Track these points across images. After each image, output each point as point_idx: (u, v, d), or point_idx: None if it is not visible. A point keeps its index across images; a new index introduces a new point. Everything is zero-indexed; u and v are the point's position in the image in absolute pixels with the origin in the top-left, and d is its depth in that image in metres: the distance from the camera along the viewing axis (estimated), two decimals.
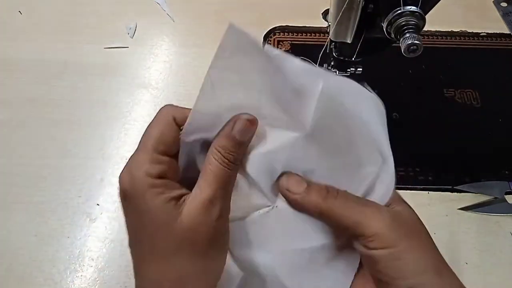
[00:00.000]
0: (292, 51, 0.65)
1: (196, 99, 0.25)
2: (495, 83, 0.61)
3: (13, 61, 0.64)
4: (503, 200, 0.50)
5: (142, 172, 0.24)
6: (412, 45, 0.34)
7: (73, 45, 0.66)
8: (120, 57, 0.65)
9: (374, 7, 0.38)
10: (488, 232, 0.48)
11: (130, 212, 0.25)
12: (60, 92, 0.61)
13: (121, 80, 0.62)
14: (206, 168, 0.25)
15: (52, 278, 0.45)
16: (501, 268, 0.46)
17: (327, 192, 0.26)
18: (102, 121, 0.58)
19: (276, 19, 0.69)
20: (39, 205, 0.50)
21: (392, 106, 0.59)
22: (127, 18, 0.70)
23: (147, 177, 0.24)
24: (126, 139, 0.56)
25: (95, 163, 0.54)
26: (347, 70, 0.49)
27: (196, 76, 0.63)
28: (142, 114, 0.59)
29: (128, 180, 0.24)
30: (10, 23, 0.69)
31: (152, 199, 0.23)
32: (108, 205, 0.50)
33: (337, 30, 0.42)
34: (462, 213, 0.49)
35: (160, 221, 0.23)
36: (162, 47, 0.67)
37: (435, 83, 0.61)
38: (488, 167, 0.53)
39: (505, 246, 0.47)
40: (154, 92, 0.61)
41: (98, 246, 0.47)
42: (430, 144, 0.55)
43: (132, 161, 0.25)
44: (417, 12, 0.35)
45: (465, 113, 0.58)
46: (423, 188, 0.51)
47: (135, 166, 0.24)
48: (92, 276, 0.45)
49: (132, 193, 0.24)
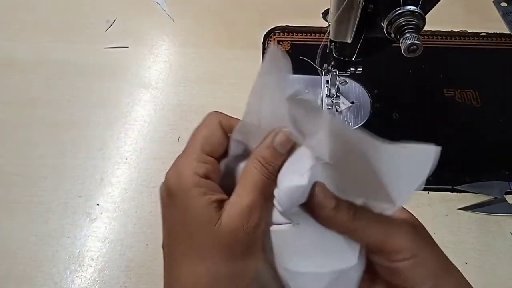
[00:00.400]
0: (292, 51, 0.65)
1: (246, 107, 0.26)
2: (495, 83, 0.61)
3: (13, 61, 0.64)
4: (503, 200, 0.50)
5: (189, 170, 0.25)
6: (412, 45, 0.34)
7: (73, 45, 0.66)
8: (120, 57, 0.65)
9: (374, 7, 0.38)
10: (488, 232, 0.48)
11: (173, 209, 0.25)
12: (60, 92, 0.61)
13: (121, 80, 0.62)
14: (246, 176, 0.25)
15: (52, 278, 0.45)
16: (501, 268, 0.46)
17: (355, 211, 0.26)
18: (102, 121, 0.58)
19: (276, 19, 0.69)
20: (39, 205, 0.50)
21: (392, 106, 0.59)
22: (127, 18, 0.70)
23: (194, 175, 0.24)
24: (126, 139, 0.56)
25: (95, 163, 0.54)
26: (347, 70, 0.49)
27: (196, 76, 0.63)
28: (142, 114, 0.59)
29: (176, 177, 0.25)
30: (10, 23, 0.69)
31: (196, 198, 0.24)
32: (108, 205, 0.50)
33: (337, 30, 0.42)
34: (462, 213, 0.49)
35: (201, 221, 0.24)
36: (162, 47, 0.67)
37: (435, 83, 0.61)
38: (488, 167, 0.53)
39: (505, 246, 0.47)
40: (154, 92, 0.61)
41: (98, 246, 0.47)
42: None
43: (180, 160, 0.26)
44: (417, 12, 0.35)
45: (465, 113, 0.58)
46: (423, 188, 0.51)
47: (183, 165, 0.25)
48: (92, 276, 0.45)
49: (178, 190, 0.25)
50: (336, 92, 0.56)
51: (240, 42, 0.67)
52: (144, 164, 0.53)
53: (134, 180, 0.52)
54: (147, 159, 0.54)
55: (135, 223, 0.49)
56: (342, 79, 0.59)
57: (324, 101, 0.57)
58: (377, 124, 0.56)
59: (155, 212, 0.49)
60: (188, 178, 0.24)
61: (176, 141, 0.55)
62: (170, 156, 0.26)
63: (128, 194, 0.51)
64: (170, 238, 0.26)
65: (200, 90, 0.61)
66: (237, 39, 0.67)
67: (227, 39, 0.67)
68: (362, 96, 0.59)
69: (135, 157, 0.54)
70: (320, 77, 0.60)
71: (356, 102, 0.58)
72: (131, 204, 0.50)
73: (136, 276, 0.45)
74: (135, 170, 0.53)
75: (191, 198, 0.24)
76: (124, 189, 0.52)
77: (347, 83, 0.60)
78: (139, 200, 0.50)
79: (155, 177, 0.52)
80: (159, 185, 0.27)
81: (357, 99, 0.59)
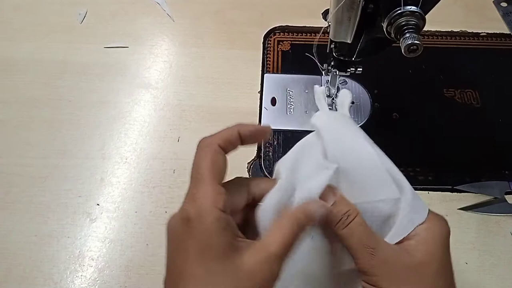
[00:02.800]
0: (292, 51, 0.65)
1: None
2: (495, 83, 0.61)
3: (13, 61, 0.64)
4: (503, 200, 0.50)
5: (209, 202, 0.24)
6: (412, 45, 0.34)
7: (73, 45, 0.66)
8: (120, 57, 0.65)
9: (374, 7, 0.38)
10: (488, 232, 0.48)
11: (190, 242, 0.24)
12: (60, 92, 0.61)
13: (121, 80, 0.62)
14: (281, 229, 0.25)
15: (52, 278, 0.45)
16: (501, 268, 0.46)
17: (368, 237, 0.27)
18: (102, 121, 0.58)
19: (276, 19, 0.69)
20: (39, 205, 0.50)
21: (392, 106, 0.59)
22: (127, 18, 0.70)
23: (214, 209, 0.24)
24: (126, 139, 0.56)
25: (95, 163, 0.54)
26: (347, 70, 0.49)
27: (196, 76, 0.63)
28: (142, 114, 0.59)
29: (195, 210, 0.25)
30: (10, 23, 0.69)
31: (218, 233, 0.24)
32: (108, 205, 0.50)
33: (337, 30, 0.42)
34: (462, 213, 0.49)
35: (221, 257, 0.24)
36: (162, 47, 0.67)
37: (435, 83, 0.61)
38: (488, 167, 0.53)
39: (505, 246, 0.47)
40: (154, 92, 0.61)
41: (98, 246, 0.47)
42: (430, 144, 0.55)
43: (197, 191, 0.25)
44: (417, 12, 0.35)
45: (465, 113, 0.58)
46: (423, 188, 0.51)
47: (202, 196, 0.25)
48: (92, 276, 0.45)
49: (197, 223, 0.24)
50: (336, 92, 0.56)
51: (240, 42, 0.67)
52: (144, 164, 0.53)
53: (134, 180, 0.52)
54: (147, 159, 0.54)
55: (135, 223, 0.49)
56: (342, 79, 0.59)
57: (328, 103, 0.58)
58: (377, 124, 0.56)
59: (155, 212, 0.49)
60: (208, 212, 0.24)
61: (176, 141, 0.55)
62: (170, 156, 0.26)
63: (128, 194, 0.51)
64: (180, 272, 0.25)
65: (200, 90, 0.61)
66: (237, 39, 0.67)
67: (227, 39, 0.67)
68: (362, 96, 0.59)
69: (135, 157, 0.54)
70: (320, 77, 0.60)
71: (356, 102, 0.58)
72: (131, 204, 0.50)
73: (136, 276, 0.45)
74: (135, 170, 0.53)
75: (213, 233, 0.24)
76: (124, 189, 0.52)
77: (347, 83, 0.60)
78: (139, 200, 0.50)
79: (155, 177, 0.52)
80: (159, 185, 0.27)
81: (357, 99, 0.59)
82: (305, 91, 0.60)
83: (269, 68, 0.63)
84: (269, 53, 0.65)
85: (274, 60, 0.64)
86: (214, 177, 0.25)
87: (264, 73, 0.62)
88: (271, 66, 0.63)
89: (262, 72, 0.63)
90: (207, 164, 0.26)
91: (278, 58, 0.64)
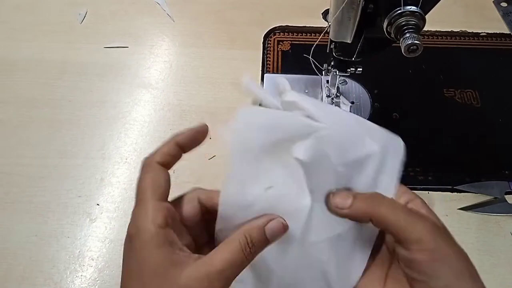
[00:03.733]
0: (292, 51, 0.65)
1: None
2: (495, 83, 0.61)
3: (13, 61, 0.64)
4: (503, 200, 0.50)
5: (146, 222, 0.25)
6: (412, 45, 0.34)
7: (73, 45, 0.66)
8: (120, 57, 0.65)
9: (374, 7, 0.38)
10: (488, 232, 0.48)
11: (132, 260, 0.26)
12: (60, 92, 0.61)
13: (121, 80, 0.62)
14: (228, 246, 0.25)
15: (52, 278, 0.45)
16: (501, 268, 0.46)
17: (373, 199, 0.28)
18: (102, 121, 0.58)
19: (276, 19, 0.69)
20: (39, 205, 0.50)
21: (392, 106, 0.59)
22: (127, 18, 0.70)
23: (152, 225, 0.25)
24: (126, 139, 0.56)
25: (95, 163, 0.54)
26: (347, 70, 0.49)
27: (196, 76, 0.63)
28: (142, 114, 0.59)
29: (135, 229, 0.26)
30: (10, 23, 0.69)
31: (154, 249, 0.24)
32: (108, 205, 0.50)
33: (337, 30, 0.42)
34: (462, 213, 0.49)
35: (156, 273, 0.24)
36: (162, 47, 0.67)
37: (435, 83, 0.61)
38: (488, 167, 0.53)
39: (505, 246, 0.47)
40: (154, 92, 0.61)
41: (98, 246, 0.47)
42: (430, 144, 0.55)
43: (136, 211, 0.27)
44: (417, 12, 0.35)
45: (465, 113, 0.58)
46: (423, 188, 0.51)
47: (140, 217, 0.26)
48: (92, 276, 0.45)
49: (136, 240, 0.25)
50: (336, 92, 0.56)
51: (240, 42, 0.67)
52: None
53: (134, 180, 0.51)
54: None
55: None
56: (342, 79, 0.59)
57: (324, 101, 0.57)
58: (377, 124, 0.56)
59: None
60: (145, 229, 0.25)
61: None
62: None
63: (128, 194, 0.51)
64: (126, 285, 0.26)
65: (200, 90, 0.61)
66: (237, 39, 0.67)
67: (227, 39, 0.67)
68: (362, 96, 0.59)
69: (135, 157, 0.54)
70: (320, 77, 0.60)
71: (356, 102, 0.58)
72: (131, 204, 0.50)
73: None
74: (135, 170, 0.53)
75: (150, 250, 0.25)
76: (124, 189, 0.52)
77: (347, 83, 0.60)
78: None
79: None
80: None
81: (357, 99, 0.59)
82: (305, 91, 0.59)
83: (269, 68, 0.63)
84: (269, 53, 0.65)
85: (274, 60, 0.64)
86: (153, 195, 0.27)
87: (264, 73, 0.62)
88: (271, 66, 0.63)
89: (262, 72, 0.63)
90: (147, 183, 0.27)
91: (278, 58, 0.65)
